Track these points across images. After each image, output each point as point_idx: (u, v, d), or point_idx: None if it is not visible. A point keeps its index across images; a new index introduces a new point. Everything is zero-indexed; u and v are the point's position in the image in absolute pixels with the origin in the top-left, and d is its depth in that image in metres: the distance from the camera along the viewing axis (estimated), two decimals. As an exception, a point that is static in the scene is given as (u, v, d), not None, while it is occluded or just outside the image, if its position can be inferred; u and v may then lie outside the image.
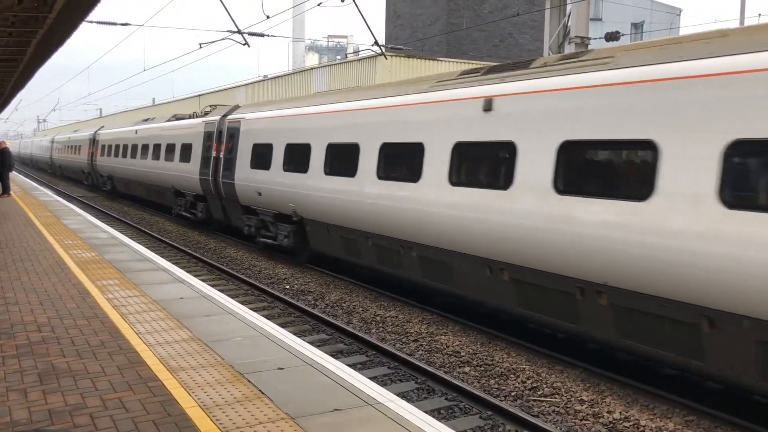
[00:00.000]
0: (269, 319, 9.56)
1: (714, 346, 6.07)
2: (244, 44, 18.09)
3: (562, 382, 7.39)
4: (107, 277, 8.48)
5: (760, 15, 21.44)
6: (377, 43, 19.63)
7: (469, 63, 26.50)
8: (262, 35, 19.71)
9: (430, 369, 7.59)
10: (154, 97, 57.93)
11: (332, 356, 8.12)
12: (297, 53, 50.05)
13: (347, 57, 30.40)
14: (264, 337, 5.98)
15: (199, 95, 41.95)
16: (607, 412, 6.61)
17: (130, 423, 4.06)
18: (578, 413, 6.64)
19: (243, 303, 10.94)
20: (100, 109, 74.51)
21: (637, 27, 43.55)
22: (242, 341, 5.84)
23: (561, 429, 6.32)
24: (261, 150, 14.89)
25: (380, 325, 9.76)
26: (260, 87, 34.07)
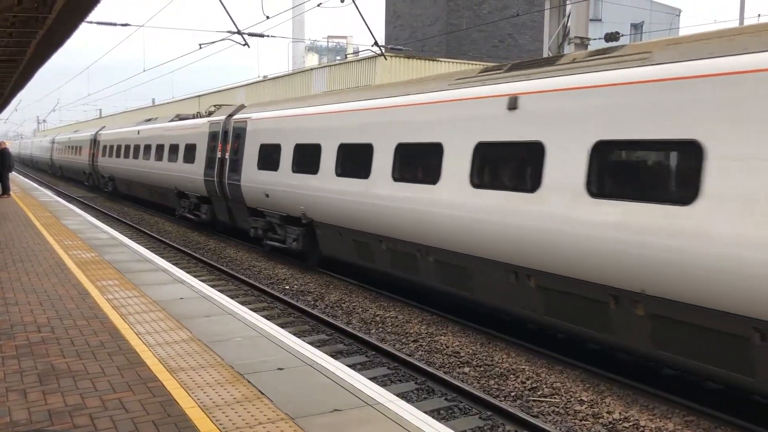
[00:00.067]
0: (269, 320, 9.57)
1: (766, 361, 5.69)
2: (244, 45, 18.10)
3: (562, 383, 7.39)
4: (107, 278, 8.48)
5: (760, 15, 21.46)
6: (377, 44, 19.64)
7: (469, 63, 26.53)
8: (262, 36, 19.70)
9: (430, 369, 7.59)
10: (154, 98, 57.95)
11: (332, 357, 8.12)
12: (297, 54, 50.07)
13: (347, 57, 30.42)
14: (264, 338, 5.98)
15: (199, 96, 41.97)
16: (607, 413, 6.62)
17: (130, 423, 4.06)
18: (578, 413, 6.64)
19: (243, 303, 10.94)
20: (100, 110, 74.57)
21: (637, 27, 43.57)
22: (242, 342, 5.84)
23: (561, 429, 6.32)
24: (268, 150, 14.53)
25: (380, 326, 9.76)
26: (260, 87, 34.08)
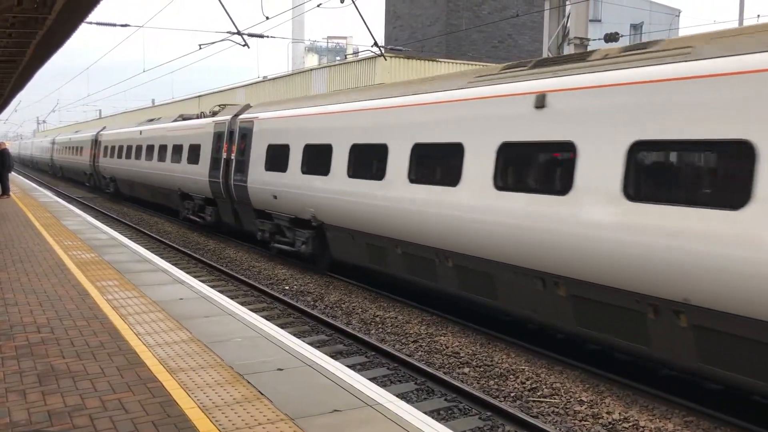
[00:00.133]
0: (269, 320, 9.58)
1: None
2: (244, 45, 18.11)
3: (562, 383, 7.39)
4: (107, 278, 8.48)
5: (759, 16, 21.48)
6: (376, 44, 19.65)
7: (469, 64, 26.56)
8: (262, 36, 19.71)
9: (430, 370, 7.59)
10: (154, 98, 57.96)
11: (332, 357, 8.13)
12: (296, 54, 50.14)
13: (346, 58, 30.43)
14: (263, 338, 5.98)
15: (199, 96, 42.00)
16: (607, 413, 6.62)
17: (130, 424, 4.06)
18: (577, 414, 6.64)
19: (242, 304, 10.94)
20: (100, 110, 74.53)
21: (636, 28, 43.61)
22: (242, 342, 5.84)
23: (560, 430, 6.32)
24: (276, 151, 14.18)
25: (379, 326, 9.76)
26: (260, 88, 34.10)
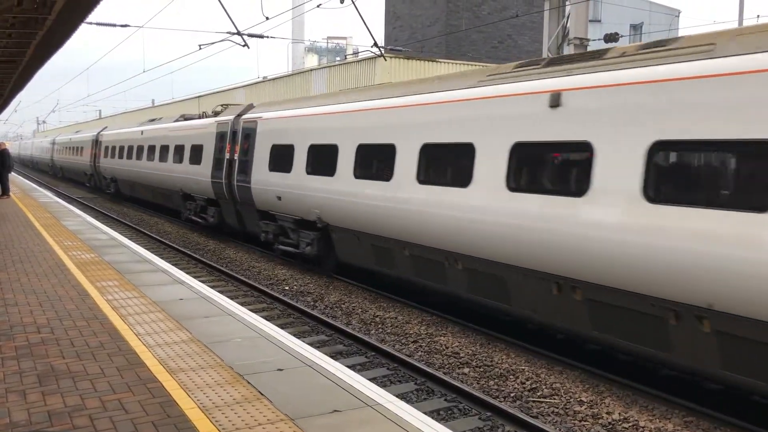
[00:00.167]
0: (269, 320, 9.57)
1: None
2: (244, 45, 18.12)
3: (562, 383, 7.39)
4: (107, 279, 8.48)
5: (759, 16, 21.49)
6: (376, 45, 19.66)
7: (469, 64, 26.57)
8: (262, 37, 19.73)
9: (430, 370, 7.59)
10: (154, 99, 58.01)
11: (332, 357, 8.13)
12: (296, 54, 50.14)
13: (346, 58, 30.44)
14: (263, 338, 5.98)
15: (199, 96, 42.02)
16: (607, 413, 6.62)
17: (130, 424, 4.06)
18: (577, 414, 6.64)
19: (242, 304, 10.94)
20: (99, 111, 74.55)
21: (636, 28, 43.61)
22: (242, 342, 5.84)
23: (560, 430, 6.32)
24: (280, 151, 13.98)
25: (379, 326, 9.76)
26: (260, 88, 34.10)
